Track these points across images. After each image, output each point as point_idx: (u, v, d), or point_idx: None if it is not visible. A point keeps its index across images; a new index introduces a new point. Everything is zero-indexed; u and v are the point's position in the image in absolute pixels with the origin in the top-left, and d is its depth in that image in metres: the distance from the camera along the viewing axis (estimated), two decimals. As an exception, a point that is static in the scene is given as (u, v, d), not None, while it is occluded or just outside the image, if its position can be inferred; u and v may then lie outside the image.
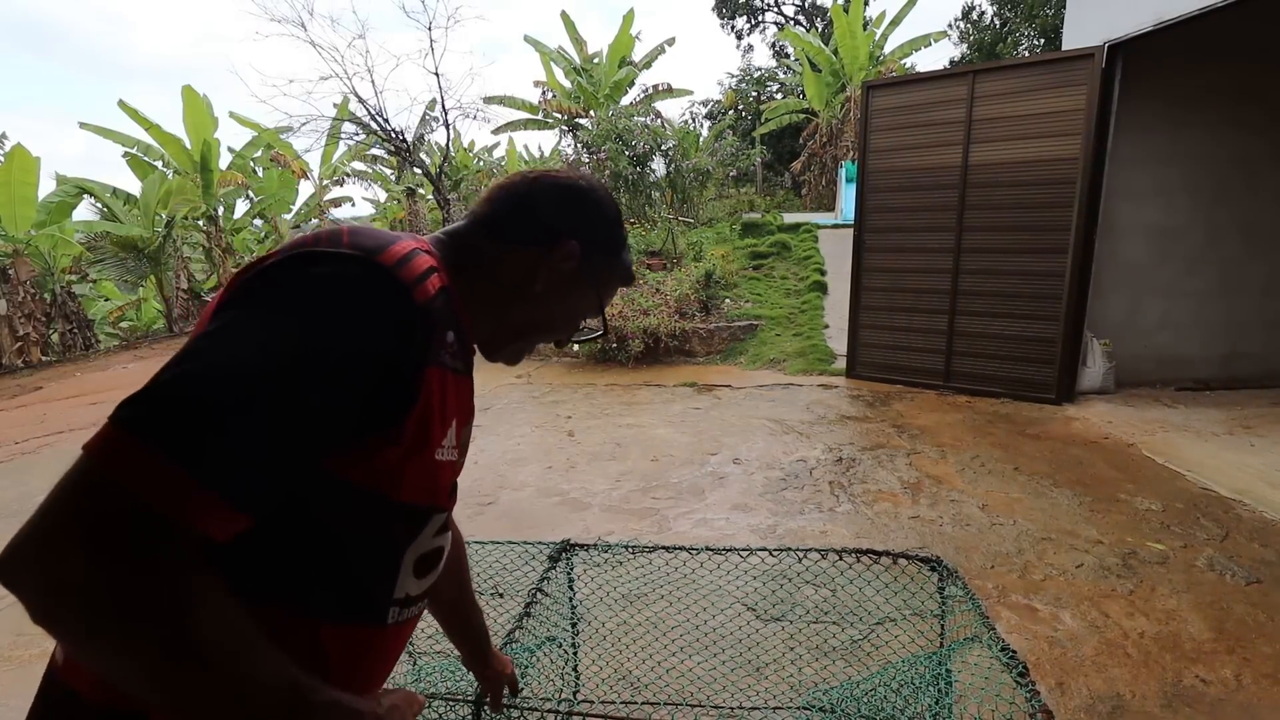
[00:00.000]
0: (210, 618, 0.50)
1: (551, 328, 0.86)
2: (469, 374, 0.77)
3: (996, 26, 20.69)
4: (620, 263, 0.87)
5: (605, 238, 0.84)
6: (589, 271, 0.82)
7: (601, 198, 0.84)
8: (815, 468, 3.93)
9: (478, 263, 0.78)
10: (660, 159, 10.65)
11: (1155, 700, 2.00)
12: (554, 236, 0.78)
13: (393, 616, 0.72)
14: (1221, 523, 3.12)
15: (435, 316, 0.64)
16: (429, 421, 0.65)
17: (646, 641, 2.01)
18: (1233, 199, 5.28)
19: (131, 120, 11.81)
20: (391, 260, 0.61)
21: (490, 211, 0.80)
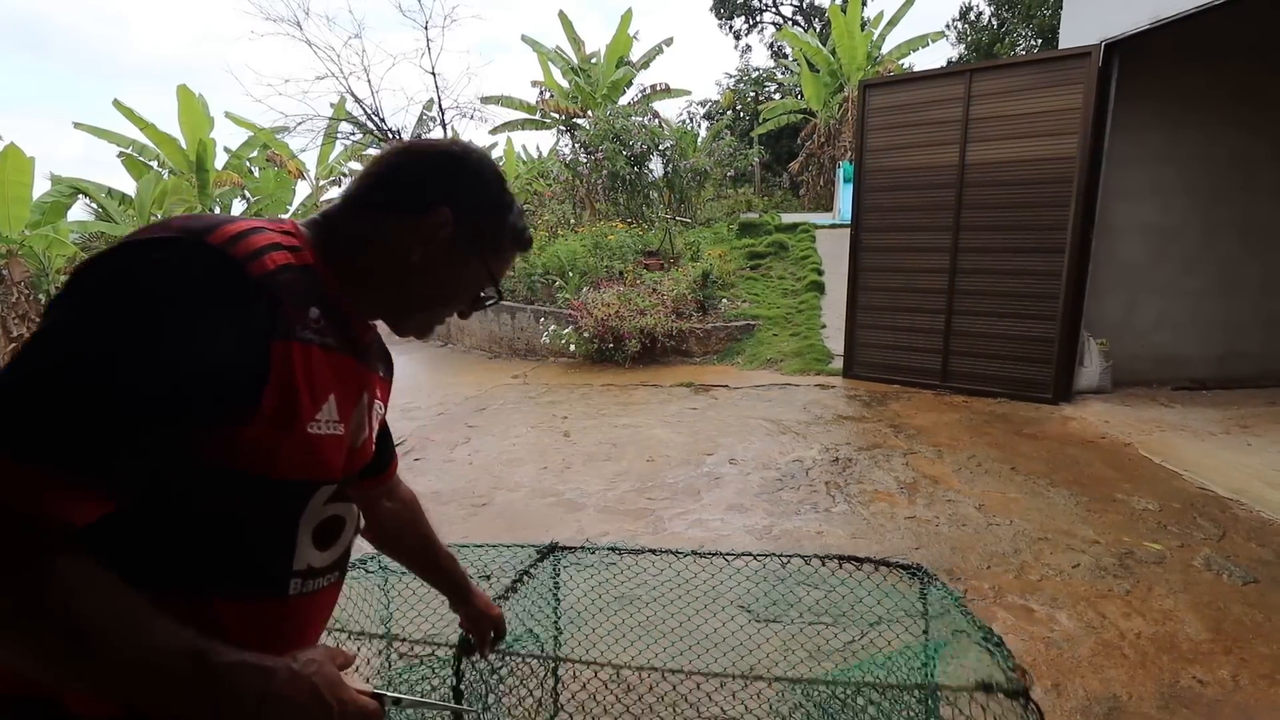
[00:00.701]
0: (89, 600, 0.52)
1: (444, 299, 0.84)
2: (352, 352, 0.77)
3: (994, 27, 20.72)
4: (506, 227, 0.84)
5: (482, 202, 0.81)
6: (469, 238, 0.79)
7: (475, 161, 0.82)
8: (812, 468, 3.91)
9: (350, 239, 0.76)
10: (658, 159, 10.65)
11: (1152, 701, 1.99)
12: (424, 205, 0.76)
13: (295, 588, 0.72)
14: (1218, 522, 3.11)
15: (280, 291, 0.63)
16: (292, 397, 0.65)
17: (643, 645, 1.99)
18: (1230, 198, 5.28)
19: (127, 120, 11.79)
20: (221, 239, 0.61)
21: (360, 186, 0.78)
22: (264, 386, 0.62)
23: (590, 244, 8.65)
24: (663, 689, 1.96)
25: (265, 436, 0.64)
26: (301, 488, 0.71)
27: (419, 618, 1.83)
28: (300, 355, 0.66)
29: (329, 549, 0.77)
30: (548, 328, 7.46)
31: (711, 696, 1.89)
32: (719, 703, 1.89)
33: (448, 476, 4.04)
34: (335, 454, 0.74)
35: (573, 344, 7.10)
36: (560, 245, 8.69)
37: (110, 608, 0.53)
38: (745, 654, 1.99)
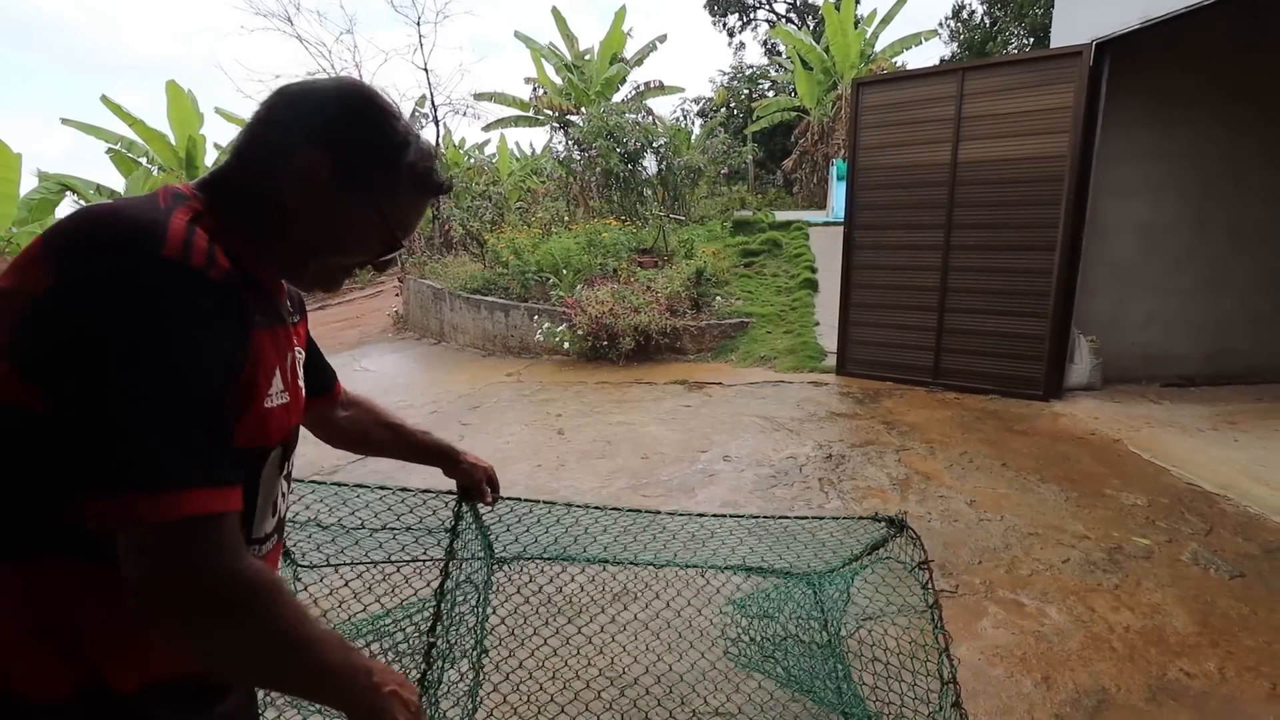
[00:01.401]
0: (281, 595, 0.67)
1: (337, 248, 0.79)
2: (278, 318, 0.79)
3: (986, 25, 20.80)
4: (404, 168, 0.77)
5: (366, 140, 0.75)
6: (352, 180, 0.74)
7: (357, 96, 0.76)
8: (805, 465, 3.93)
9: (238, 196, 0.74)
10: (652, 156, 10.65)
11: (1140, 694, 2.02)
12: (294, 146, 0.72)
13: (255, 552, 0.78)
14: (1206, 517, 3.14)
15: (233, 284, 0.66)
16: (254, 377, 0.71)
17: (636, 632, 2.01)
18: (1219, 196, 5.32)
19: (115, 116, 11.68)
20: (174, 252, 0.62)
21: (243, 138, 0.75)
22: (244, 371, 0.69)
23: (584, 241, 8.64)
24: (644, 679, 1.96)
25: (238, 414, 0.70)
26: (257, 454, 0.75)
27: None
28: (259, 340, 0.72)
29: (275, 513, 0.83)
30: (541, 325, 7.45)
31: (696, 689, 1.91)
32: (703, 695, 1.90)
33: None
34: (284, 420, 0.78)
35: (567, 342, 7.10)
36: (554, 243, 8.68)
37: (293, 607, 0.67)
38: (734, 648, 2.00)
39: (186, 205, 0.69)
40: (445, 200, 11.37)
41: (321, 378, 1.08)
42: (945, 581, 2.65)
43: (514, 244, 8.81)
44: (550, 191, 12.21)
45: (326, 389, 1.10)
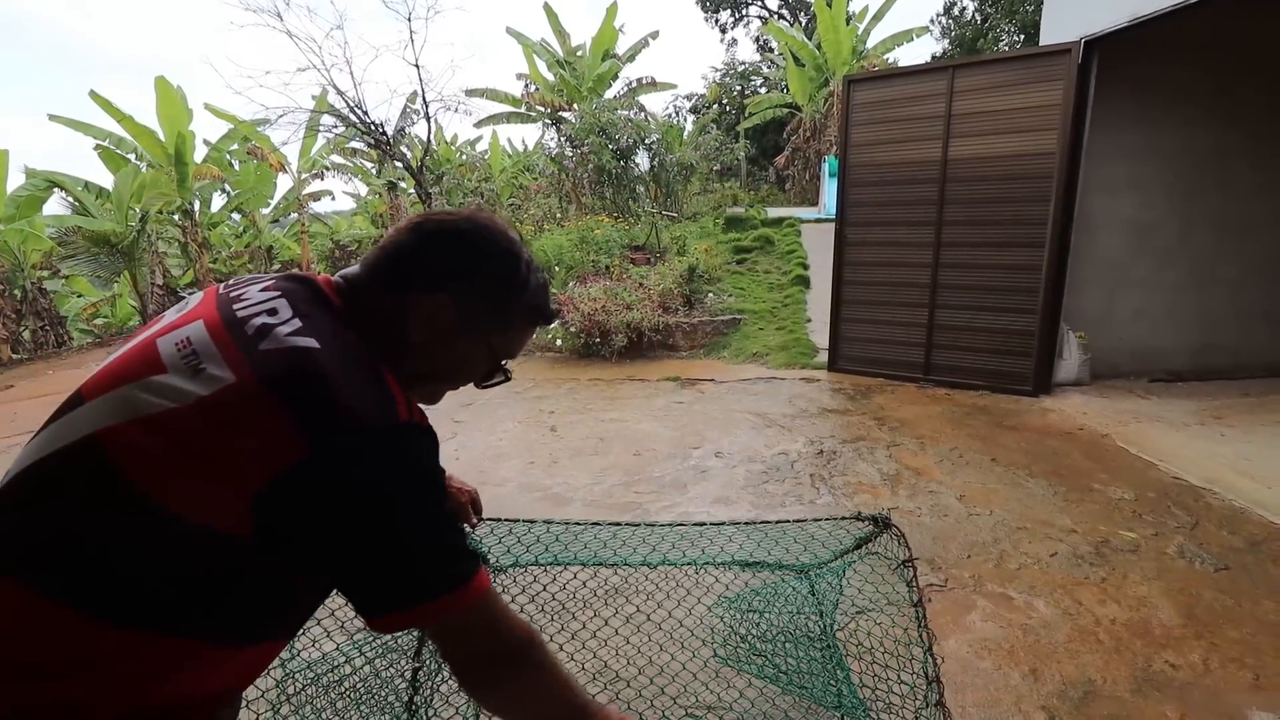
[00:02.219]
0: (553, 662, 0.80)
1: (448, 377, 0.88)
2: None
3: (977, 22, 20.87)
4: (520, 305, 0.85)
5: (490, 285, 0.82)
6: (475, 320, 0.82)
7: (488, 241, 0.82)
8: (797, 461, 3.95)
9: (371, 317, 0.79)
10: (644, 153, 10.64)
11: (1126, 685, 2.04)
12: (425, 288, 0.79)
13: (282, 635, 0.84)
14: (1192, 511, 3.18)
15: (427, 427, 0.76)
16: None
17: (628, 635, 2.01)
18: (1205, 194, 5.37)
19: (103, 112, 11.55)
20: (407, 416, 0.71)
21: (378, 258, 0.81)
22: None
23: (576, 238, 8.63)
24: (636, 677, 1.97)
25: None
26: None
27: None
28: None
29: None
30: (534, 322, 7.43)
31: (688, 686, 1.92)
32: (695, 692, 1.91)
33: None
34: None
35: (559, 339, 7.09)
36: (546, 239, 8.67)
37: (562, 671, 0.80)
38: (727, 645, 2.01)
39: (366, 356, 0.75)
40: (438, 197, 11.32)
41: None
42: (935, 575, 2.68)
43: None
44: (542, 188, 12.18)
45: None
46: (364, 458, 0.66)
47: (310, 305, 0.75)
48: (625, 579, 1.85)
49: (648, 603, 2.19)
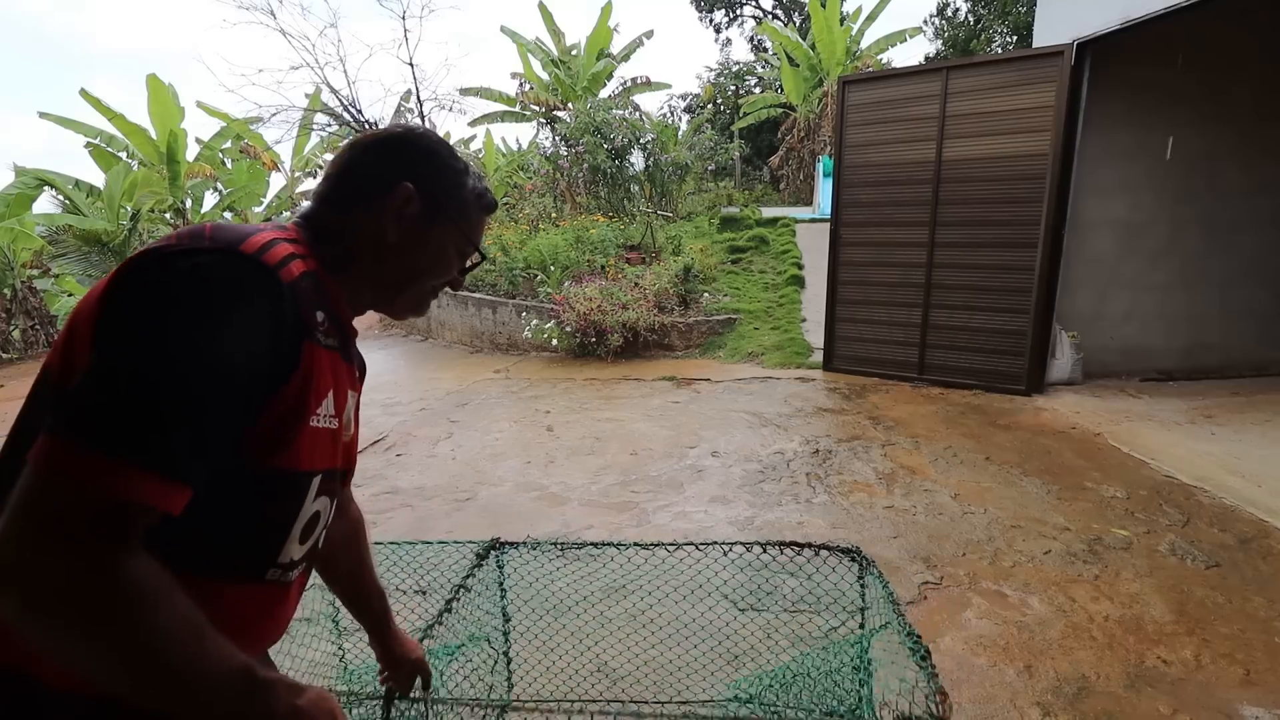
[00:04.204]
0: (163, 605, 0.56)
1: (431, 271, 0.88)
2: (346, 356, 0.82)
3: (970, 23, 20.95)
4: (468, 191, 0.88)
5: (437, 172, 0.86)
6: (436, 207, 0.84)
7: (421, 137, 0.86)
8: (792, 460, 3.97)
9: (334, 239, 0.81)
10: (639, 152, 10.64)
11: (1119, 681, 2.07)
12: (386, 186, 0.81)
13: (273, 575, 0.77)
14: (1183, 509, 3.22)
15: (302, 296, 0.69)
16: (306, 391, 0.71)
17: (626, 633, 2.02)
18: (1195, 195, 5.42)
19: (94, 110, 11.47)
20: (253, 249, 0.65)
21: (328, 186, 0.83)
22: (288, 382, 0.68)
23: (571, 238, 8.63)
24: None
25: (280, 427, 0.69)
26: (302, 478, 0.75)
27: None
28: (313, 355, 0.71)
29: (306, 542, 0.81)
30: (529, 322, 7.44)
31: (686, 681, 1.93)
32: (694, 688, 1.92)
33: (430, 472, 4.03)
34: (331, 445, 0.79)
35: (555, 338, 7.09)
36: (541, 239, 8.66)
37: (179, 617, 0.57)
38: (728, 640, 2.03)
39: (290, 240, 0.74)
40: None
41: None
42: (930, 573, 2.70)
43: (501, 240, 8.77)
44: (537, 187, 12.16)
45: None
46: (135, 270, 0.61)
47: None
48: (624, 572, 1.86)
49: (647, 598, 2.20)
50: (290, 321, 0.67)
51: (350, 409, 0.85)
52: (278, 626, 0.83)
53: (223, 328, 0.61)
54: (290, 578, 0.80)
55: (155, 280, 0.61)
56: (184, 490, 0.59)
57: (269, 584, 0.77)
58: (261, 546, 0.74)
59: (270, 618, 0.80)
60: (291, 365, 0.68)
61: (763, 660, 2.09)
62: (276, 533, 0.75)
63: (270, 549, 0.75)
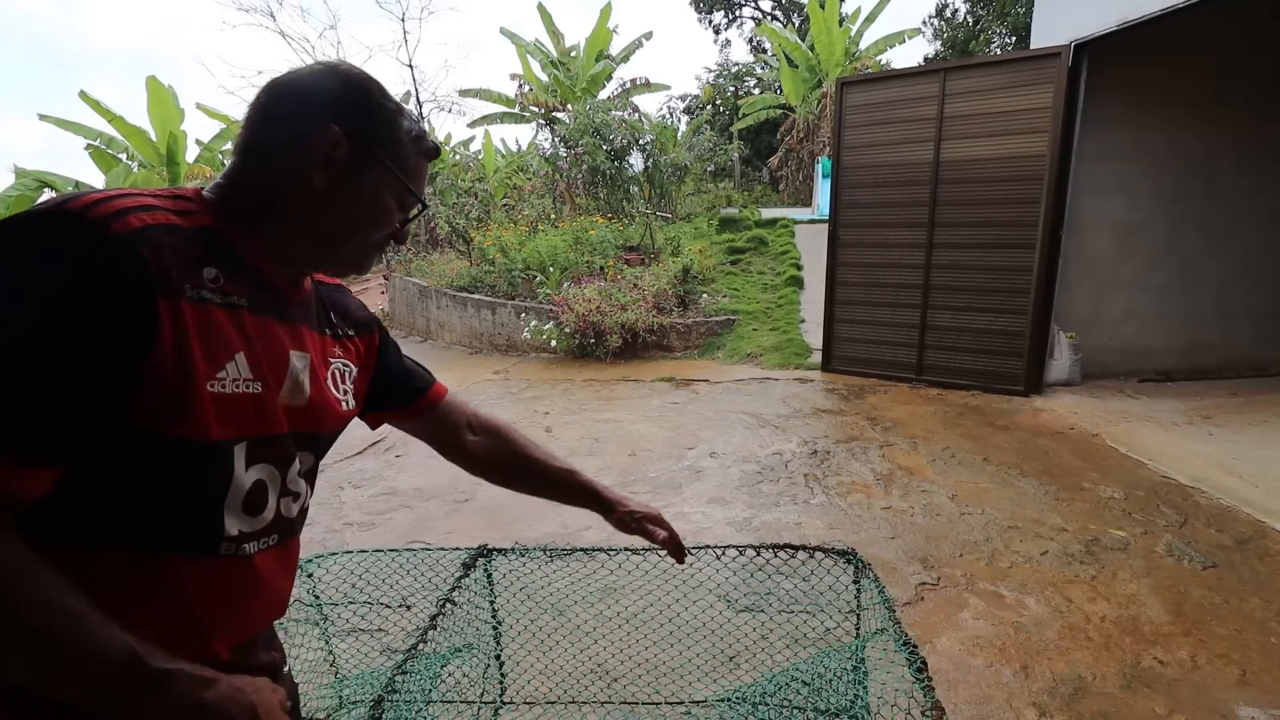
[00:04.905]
0: (26, 587, 0.54)
1: (368, 222, 0.80)
2: (273, 311, 0.76)
3: (969, 24, 20.97)
4: (403, 133, 0.79)
5: (368, 112, 0.77)
6: (368, 151, 0.76)
7: (347, 73, 0.77)
8: (790, 460, 3.97)
9: (253, 192, 0.74)
10: (638, 154, 10.65)
11: (1115, 681, 2.07)
12: (310, 130, 0.73)
13: (227, 549, 0.73)
14: (1180, 510, 3.22)
15: (155, 248, 0.62)
16: (187, 355, 0.64)
17: (622, 634, 2.03)
18: (1192, 196, 5.43)
19: (94, 112, 11.49)
20: (80, 205, 0.60)
21: (246, 135, 0.75)
22: (155, 345, 0.62)
23: (571, 239, 8.64)
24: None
25: (166, 396, 0.64)
26: (215, 447, 0.69)
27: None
28: (194, 314, 0.65)
29: (259, 513, 0.76)
30: (529, 323, 7.45)
31: (681, 682, 1.93)
32: (690, 688, 1.93)
33: (429, 473, 4.03)
34: (248, 412, 0.72)
35: (554, 339, 7.10)
36: (540, 240, 8.67)
37: (46, 600, 0.55)
38: (724, 641, 2.03)
39: (171, 197, 0.69)
40: (431, 197, 11.29)
41: (404, 387, 1.06)
42: (927, 574, 2.70)
43: (500, 241, 8.78)
44: (536, 189, 12.17)
45: (410, 399, 1.07)
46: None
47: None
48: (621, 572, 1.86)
49: (642, 599, 2.21)
50: (128, 277, 0.60)
51: (300, 371, 0.79)
52: (254, 605, 0.78)
53: (40, 293, 0.56)
54: (247, 550, 0.75)
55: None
56: (37, 472, 0.56)
57: (226, 558, 0.72)
58: (196, 521, 0.70)
59: (240, 595, 0.76)
60: (148, 324, 0.61)
61: (759, 661, 2.09)
62: (205, 506, 0.71)
63: (208, 523, 0.71)
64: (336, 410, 0.87)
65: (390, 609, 1.90)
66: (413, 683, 1.32)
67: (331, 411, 0.86)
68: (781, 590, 2.43)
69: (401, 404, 1.07)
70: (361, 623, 2.32)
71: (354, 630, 2.31)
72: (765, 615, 2.33)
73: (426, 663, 1.38)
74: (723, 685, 1.93)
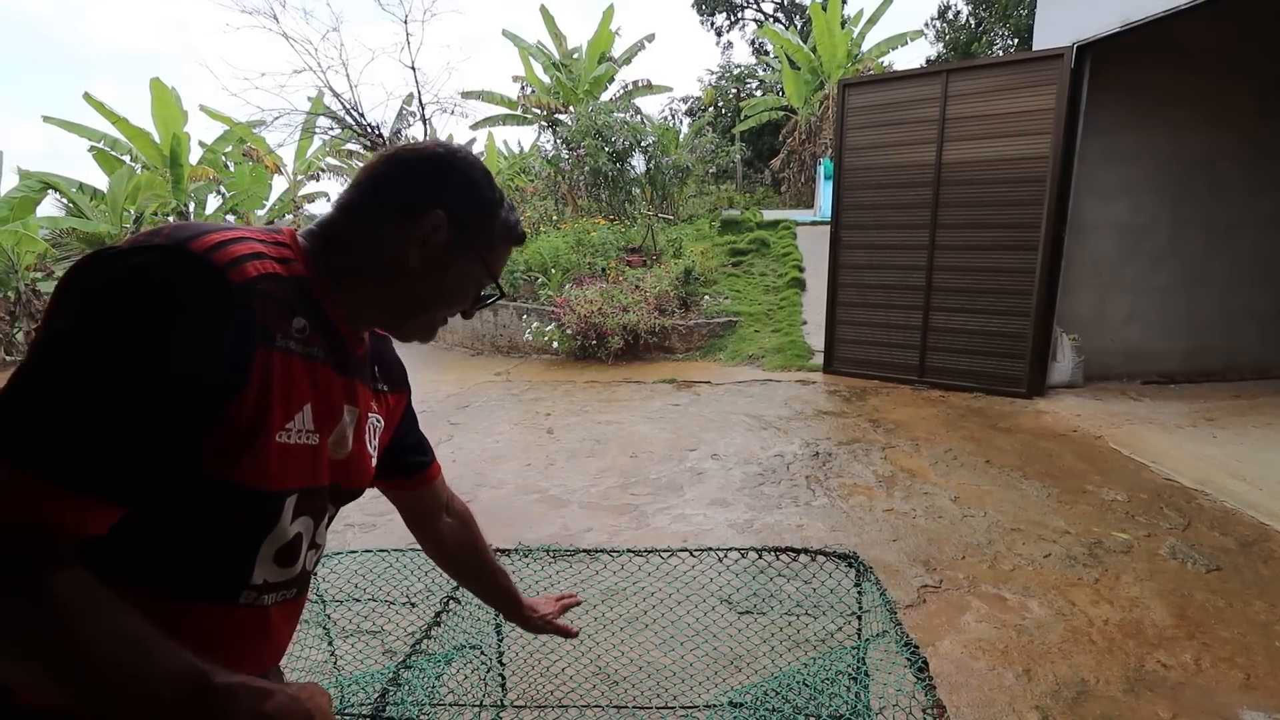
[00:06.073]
0: (95, 617, 0.54)
1: (446, 301, 0.84)
2: (337, 364, 0.77)
3: (971, 26, 20.97)
4: (499, 223, 0.84)
5: (473, 201, 0.81)
6: (464, 238, 0.80)
7: (462, 161, 0.81)
8: (792, 462, 3.97)
9: (346, 250, 0.77)
10: (640, 155, 10.66)
11: (1118, 685, 2.06)
12: (417, 210, 0.76)
13: (247, 599, 0.73)
14: (1184, 512, 3.21)
15: (263, 299, 0.64)
16: (266, 405, 0.65)
17: (624, 637, 2.02)
18: (1195, 198, 5.42)
19: (97, 114, 11.52)
20: (202, 247, 0.61)
21: (354, 196, 0.79)
22: (241, 393, 0.63)
23: (572, 240, 8.64)
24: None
25: (237, 442, 0.64)
26: (270, 497, 0.70)
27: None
28: (280, 364, 0.67)
29: (289, 565, 0.77)
30: (530, 325, 7.45)
31: (684, 685, 1.93)
32: (691, 692, 1.92)
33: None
34: (305, 463, 0.73)
35: (555, 341, 7.10)
36: (542, 241, 8.68)
37: (114, 627, 0.55)
38: (727, 644, 2.03)
39: (273, 242, 0.71)
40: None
41: (408, 459, 1.06)
42: (929, 576, 2.69)
43: (502, 243, 8.77)
44: (538, 190, 12.18)
45: (410, 472, 1.07)
46: (78, 270, 0.58)
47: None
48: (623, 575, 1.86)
49: (644, 601, 2.20)
50: (236, 326, 0.61)
51: (347, 425, 0.80)
52: (262, 653, 0.79)
53: (153, 333, 0.57)
54: (266, 601, 0.76)
55: (91, 282, 0.58)
56: (103, 509, 0.56)
57: (243, 607, 0.73)
58: (228, 567, 0.71)
59: (250, 644, 0.76)
60: (241, 373, 0.62)
61: (761, 664, 2.09)
62: (243, 553, 0.71)
63: (239, 570, 0.72)
64: (368, 466, 0.89)
65: (393, 606, 1.90)
66: (415, 682, 1.32)
67: (363, 466, 0.87)
68: (783, 593, 2.43)
69: (404, 475, 1.07)
70: (364, 623, 2.32)
71: (356, 631, 2.31)
72: (767, 618, 2.32)
73: (428, 662, 1.38)
74: (724, 688, 1.93)
